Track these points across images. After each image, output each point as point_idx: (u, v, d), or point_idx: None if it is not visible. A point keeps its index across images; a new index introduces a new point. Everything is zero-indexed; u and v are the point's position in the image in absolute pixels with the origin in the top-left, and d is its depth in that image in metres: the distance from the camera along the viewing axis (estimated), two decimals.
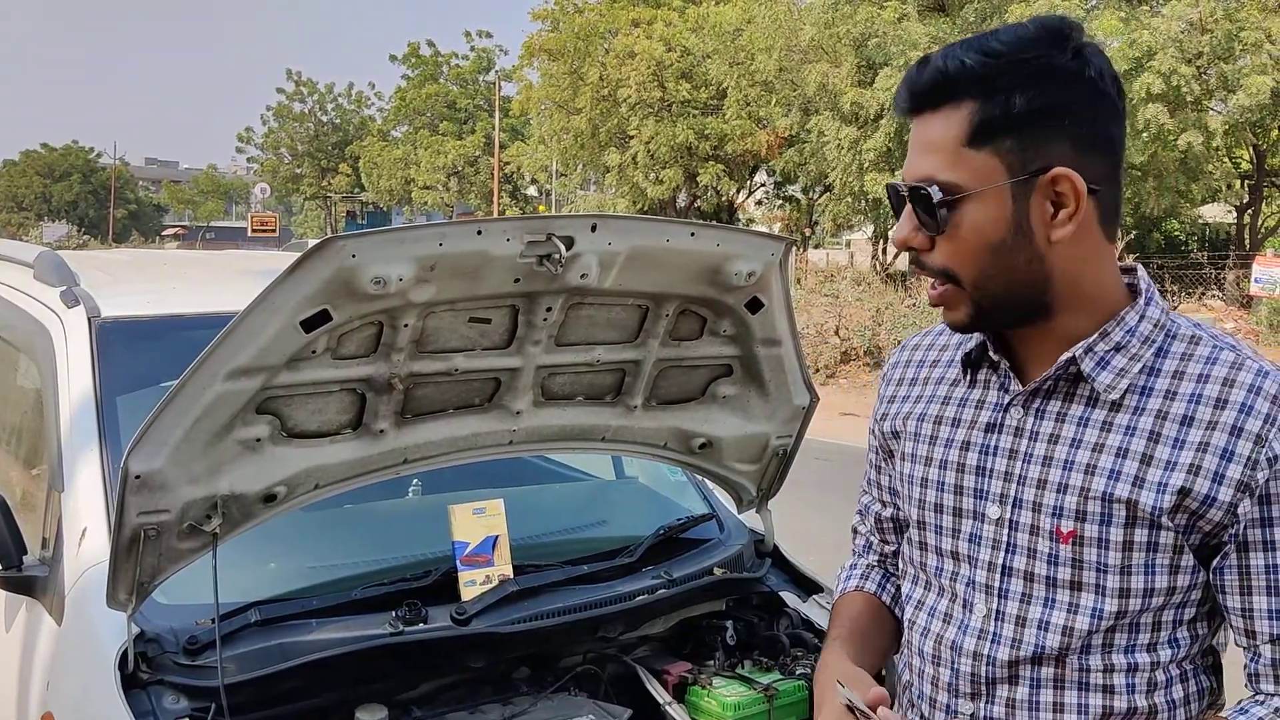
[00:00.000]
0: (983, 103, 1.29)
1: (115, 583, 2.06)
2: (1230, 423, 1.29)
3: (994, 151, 1.30)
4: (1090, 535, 1.34)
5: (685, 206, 33.36)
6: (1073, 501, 1.35)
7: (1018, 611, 1.39)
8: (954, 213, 1.32)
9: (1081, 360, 1.36)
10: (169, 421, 1.98)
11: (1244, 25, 19.98)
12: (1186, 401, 1.32)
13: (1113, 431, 1.35)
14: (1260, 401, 1.30)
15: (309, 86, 58.23)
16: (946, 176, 1.31)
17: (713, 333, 2.50)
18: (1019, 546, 1.39)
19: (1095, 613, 1.36)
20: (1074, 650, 1.37)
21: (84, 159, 73.07)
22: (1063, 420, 1.38)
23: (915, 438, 1.52)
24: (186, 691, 2.10)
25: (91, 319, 2.70)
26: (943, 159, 1.32)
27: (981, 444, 1.43)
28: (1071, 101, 1.30)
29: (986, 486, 1.42)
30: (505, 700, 2.40)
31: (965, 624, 1.44)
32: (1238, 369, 1.32)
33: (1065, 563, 1.36)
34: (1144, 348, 1.36)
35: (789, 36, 25.59)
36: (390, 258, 1.98)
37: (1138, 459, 1.32)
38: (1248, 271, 20.70)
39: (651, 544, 2.71)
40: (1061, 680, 1.38)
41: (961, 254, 1.34)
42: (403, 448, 2.34)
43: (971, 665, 1.42)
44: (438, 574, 2.44)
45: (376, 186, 50.90)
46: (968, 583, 1.44)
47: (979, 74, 1.29)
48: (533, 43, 34.94)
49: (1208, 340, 1.37)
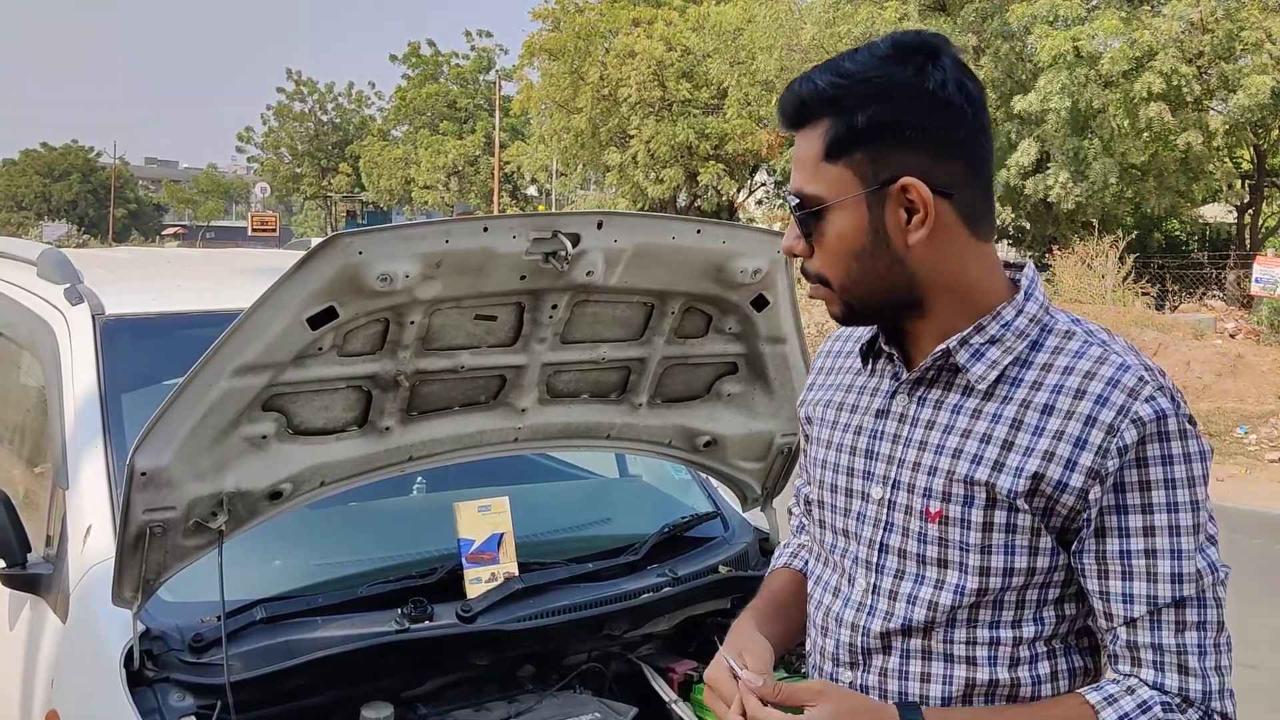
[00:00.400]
0: (834, 120, 1.40)
1: (121, 580, 2.06)
2: (1086, 413, 1.36)
3: (847, 164, 1.40)
4: (954, 516, 1.42)
5: (686, 206, 33.36)
6: (940, 483, 1.43)
7: (891, 586, 1.48)
8: (820, 222, 1.43)
9: (956, 352, 1.44)
10: (175, 418, 1.97)
11: (1244, 25, 19.97)
12: (1050, 392, 1.39)
13: (981, 419, 1.43)
14: (1116, 393, 1.36)
15: (309, 86, 58.21)
16: (810, 189, 1.43)
17: (718, 330, 2.49)
18: (895, 525, 1.48)
19: (958, 589, 1.43)
20: (939, 624, 1.45)
21: (84, 158, 73.05)
22: (940, 407, 1.47)
23: (821, 423, 1.62)
24: (192, 689, 2.09)
25: (95, 316, 2.70)
26: (807, 174, 1.43)
27: (871, 429, 1.53)
28: (912, 114, 1.39)
29: (872, 468, 1.52)
30: (510, 698, 2.39)
31: (848, 597, 1.53)
32: (1101, 363, 1.39)
33: (933, 541, 1.44)
34: (1018, 341, 1.44)
35: (790, 36, 25.58)
36: (396, 254, 1.98)
37: (999, 445, 1.40)
38: (1248, 271, 20.69)
39: (656, 542, 2.71)
40: (929, 652, 1.46)
41: (829, 260, 1.45)
42: (408, 445, 2.34)
43: (850, 636, 1.51)
44: (443, 571, 2.44)
45: (377, 186, 50.87)
46: (853, 559, 1.53)
47: (829, 95, 1.40)
48: (533, 42, 34.95)
49: (1080, 335, 1.44)
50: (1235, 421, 13.44)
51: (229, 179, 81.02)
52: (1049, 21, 21.15)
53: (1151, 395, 1.35)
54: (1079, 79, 20.40)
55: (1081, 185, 21.47)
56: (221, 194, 79.99)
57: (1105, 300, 18.97)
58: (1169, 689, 1.37)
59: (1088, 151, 21.13)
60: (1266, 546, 8.45)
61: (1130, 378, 1.36)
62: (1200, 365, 15.34)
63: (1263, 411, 13.82)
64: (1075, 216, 23.04)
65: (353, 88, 59.66)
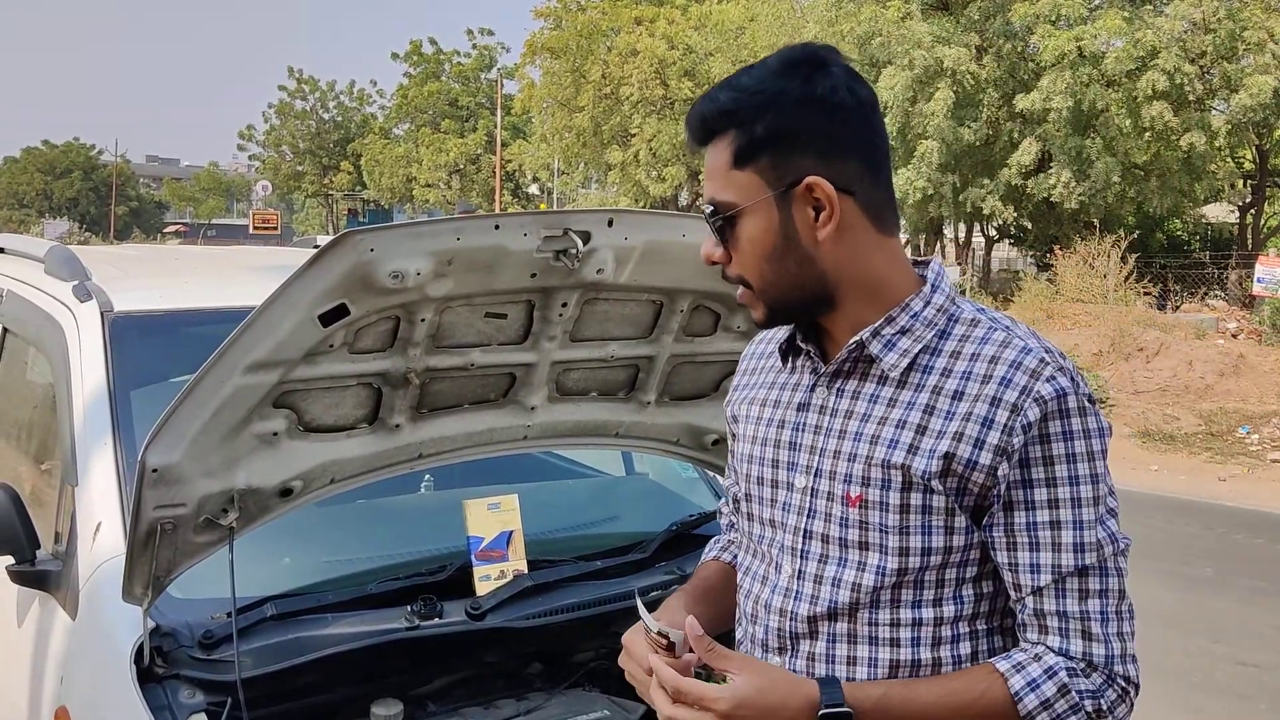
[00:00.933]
0: (736, 132, 1.48)
1: (131, 577, 2.05)
2: (991, 394, 1.43)
3: (754, 170, 1.48)
4: (873, 499, 1.48)
5: (688, 204, 33.36)
6: (859, 469, 1.49)
7: (816, 570, 1.53)
8: (733, 227, 1.50)
9: (869, 343, 1.51)
10: (187, 415, 1.97)
11: (1247, 25, 19.99)
12: (958, 378, 1.47)
13: (895, 406, 1.49)
14: (1019, 375, 1.43)
15: (311, 84, 58.19)
16: (722, 196, 1.50)
17: (726, 329, 2.50)
18: (818, 511, 1.53)
19: (880, 570, 1.48)
20: (863, 605, 1.50)
21: (85, 156, 73.09)
22: (857, 397, 1.53)
23: (746, 420, 1.68)
24: (202, 685, 2.09)
25: (104, 313, 2.69)
26: (718, 182, 1.51)
27: (794, 422, 1.59)
28: (805, 120, 1.47)
29: (796, 459, 1.57)
30: (519, 696, 2.40)
31: (775, 584, 1.58)
32: (1004, 347, 1.46)
33: (854, 525, 1.50)
34: (926, 330, 1.51)
35: (792, 35, 25.58)
36: (408, 252, 1.98)
37: (913, 429, 1.47)
38: (1250, 271, 20.71)
39: (664, 540, 2.71)
40: (854, 635, 1.51)
41: (746, 263, 1.51)
42: (418, 442, 2.34)
43: (778, 621, 1.56)
44: (452, 569, 2.44)
45: (378, 184, 50.86)
46: (780, 547, 1.58)
47: (729, 109, 1.49)
48: (535, 41, 34.95)
49: (985, 322, 1.51)
50: (1237, 421, 13.45)
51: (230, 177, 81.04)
52: (1051, 21, 21.16)
53: (1052, 375, 1.43)
54: (1082, 79, 20.41)
55: (1084, 185, 21.48)
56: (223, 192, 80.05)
57: (1107, 300, 18.98)
58: (1074, 654, 1.44)
59: (1090, 151, 21.15)
60: (1268, 546, 8.46)
61: (1031, 360, 1.44)
62: (1202, 365, 15.35)
63: (1264, 412, 13.83)
64: (1077, 216, 23.06)
65: (354, 86, 59.53)
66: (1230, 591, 7.07)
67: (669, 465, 3.15)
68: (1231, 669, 5.58)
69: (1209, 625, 6.24)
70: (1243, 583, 7.30)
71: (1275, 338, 17.54)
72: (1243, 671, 5.60)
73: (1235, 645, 5.89)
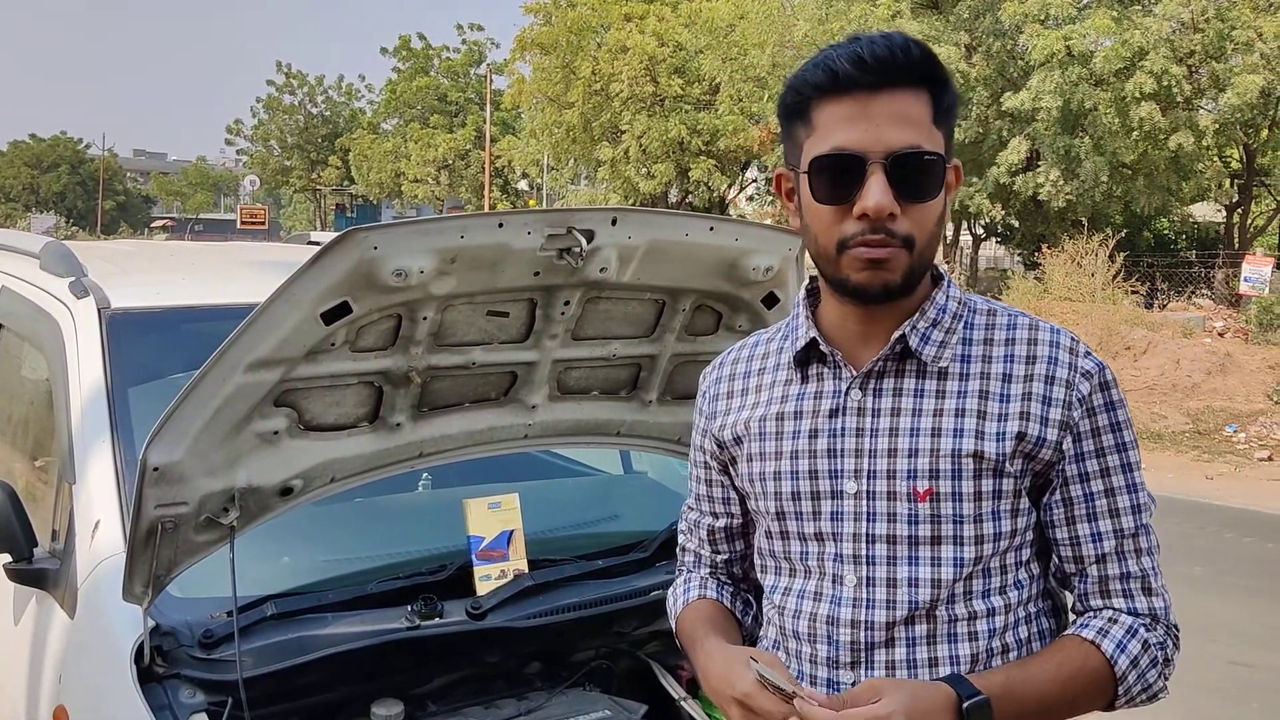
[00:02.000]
0: (937, 88, 1.45)
1: (131, 576, 2.04)
2: (1044, 374, 1.48)
3: (944, 133, 1.47)
4: (945, 491, 1.47)
5: (677, 201, 33.38)
6: (924, 463, 1.47)
7: (887, 574, 1.50)
8: (932, 181, 1.45)
9: (909, 337, 1.50)
10: (188, 413, 1.96)
11: (1235, 24, 20.05)
12: (1001, 362, 1.50)
13: (946, 397, 1.49)
14: (1061, 353, 1.49)
15: (299, 79, 58.01)
16: (930, 146, 1.43)
17: (728, 328, 2.49)
18: (879, 514, 1.50)
19: (956, 561, 1.48)
20: (942, 601, 1.48)
21: (72, 150, 72.74)
22: (900, 394, 1.51)
23: (761, 437, 1.60)
24: (203, 685, 2.08)
25: (101, 310, 2.67)
26: (923, 132, 1.43)
27: (829, 429, 1.53)
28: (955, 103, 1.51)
29: (840, 466, 1.52)
30: (520, 695, 2.39)
31: (838, 597, 1.52)
32: (1035, 329, 1.51)
33: (925, 520, 1.48)
34: (954, 322, 1.53)
35: (782, 32, 25.60)
36: (412, 250, 1.97)
37: (974, 415, 1.47)
38: (1237, 270, 20.79)
39: (665, 539, 2.70)
40: (934, 635, 1.49)
41: (924, 221, 1.45)
42: (419, 441, 2.33)
43: (850, 634, 1.51)
44: (453, 568, 2.43)
45: (366, 179, 50.74)
46: (835, 558, 1.53)
47: (933, 64, 1.45)
48: (525, 36, 34.89)
49: (1001, 311, 1.55)
50: (1224, 420, 13.51)
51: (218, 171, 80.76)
52: (1040, 20, 21.20)
53: (1087, 351, 1.51)
54: (1071, 78, 20.46)
55: (1072, 184, 21.54)
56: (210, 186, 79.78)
57: (1095, 298, 19.03)
58: (1141, 612, 1.51)
59: (1078, 150, 21.20)
60: (1258, 545, 8.49)
61: (1065, 339, 1.51)
62: (1189, 364, 15.40)
63: (1252, 410, 13.89)
64: (1065, 215, 23.13)
65: (343, 81, 59.69)
66: (1222, 591, 7.10)
67: (667, 463, 3.14)
68: (1224, 669, 5.60)
69: (1201, 625, 6.25)
70: (1234, 582, 7.33)
71: (1262, 337, 17.61)
72: (1236, 671, 5.62)
73: (1228, 645, 5.91)
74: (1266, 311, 18.05)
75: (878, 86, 1.42)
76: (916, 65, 1.43)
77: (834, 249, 1.46)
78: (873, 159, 1.41)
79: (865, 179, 1.41)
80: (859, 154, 1.41)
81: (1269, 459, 11.89)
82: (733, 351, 1.75)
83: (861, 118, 1.42)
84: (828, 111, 1.45)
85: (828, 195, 1.45)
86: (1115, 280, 19.93)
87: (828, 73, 1.44)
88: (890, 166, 1.41)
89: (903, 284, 1.46)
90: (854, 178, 1.42)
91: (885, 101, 1.42)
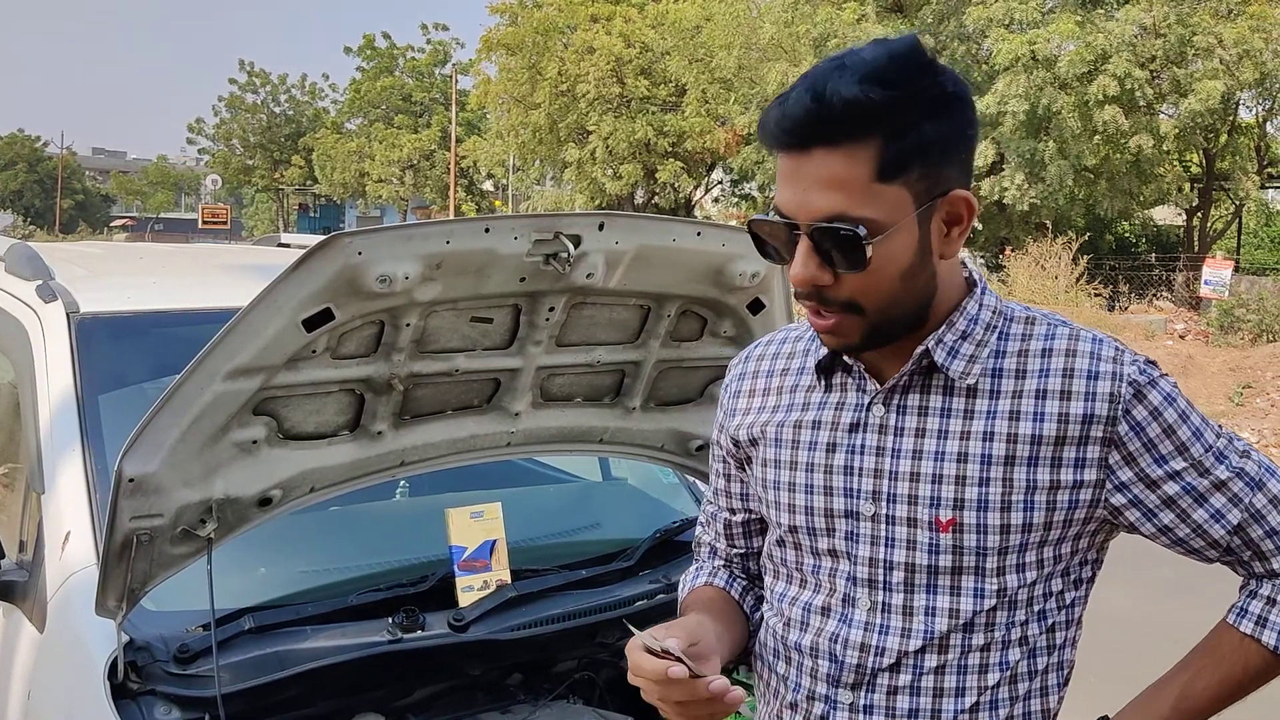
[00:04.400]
0: (891, 136, 1.28)
1: (105, 589, 1.98)
2: (1084, 390, 1.37)
3: (904, 184, 1.30)
4: (969, 522, 1.38)
5: (644, 203, 33.37)
6: (948, 491, 1.39)
7: (903, 602, 1.43)
8: (866, 248, 1.30)
9: (934, 351, 1.40)
10: (165, 423, 1.91)
11: (1196, 30, 20.27)
12: (1037, 377, 1.39)
13: (975, 418, 1.39)
14: (1104, 365, 1.37)
15: (262, 77, 57.44)
16: (862, 213, 1.29)
17: (713, 334, 2.47)
18: (897, 540, 1.42)
19: (978, 593, 1.40)
20: (958, 630, 1.41)
21: (30, 148, 71.79)
22: (925, 413, 1.42)
23: (777, 444, 1.53)
24: (178, 702, 2.03)
25: (70, 315, 2.60)
26: (853, 197, 1.29)
27: (848, 444, 1.45)
28: (961, 124, 1.34)
29: (857, 485, 1.44)
30: (503, 709, 2.35)
31: (849, 618, 1.46)
32: (1075, 340, 1.40)
33: (946, 550, 1.40)
34: (988, 333, 1.42)
35: (748, 35, 25.66)
36: (397, 255, 1.92)
37: (1004, 440, 1.37)
38: (1197, 273, 21.05)
39: (649, 547, 2.67)
40: (945, 665, 1.42)
41: (870, 287, 1.33)
42: (401, 449, 2.28)
43: (858, 657, 1.44)
44: (434, 579, 2.38)
45: (330, 179, 50.32)
46: (848, 578, 1.46)
47: (875, 111, 1.27)
48: (490, 37, 34.73)
49: (1041, 320, 1.44)
50: None
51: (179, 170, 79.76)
52: (1004, 24, 21.36)
53: (1132, 359, 1.39)
54: (1036, 82, 20.62)
55: (1037, 187, 21.71)
56: (171, 186, 78.82)
57: (1058, 301, 19.20)
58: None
59: (1043, 154, 21.37)
60: None
61: (1107, 349, 1.39)
62: None
63: (1213, 412, 14.04)
64: (1029, 218, 23.30)
65: (306, 80, 58.79)
66: (1188, 594, 7.11)
67: (648, 470, 3.11)
68: None
69: (1168, 628, 6.27)
70: (1200, 585, 7.34)
71: (1222, 339, 17.83)
72: None
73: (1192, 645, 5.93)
74: (1227, 314, 18.29)
75: (806, 146, 1.30)
76: (845, 121, 1.27)
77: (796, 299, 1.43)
78: (799, 227, 1.32)
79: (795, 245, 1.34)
80: (789, 220, 1.34)
81: None
82: (759, 346, 1.66)
83: (793, 178, 1.32)
84: (779, 162, 1.36)
85: (774, 256, 1.40)
86: (1078, 283, 20.13)
87: (763, 130, 1.35)
88: (812, 236, 1.31)
89: (866, 342, 1.39)
90: (789, 242, 1.35)
91: (815, 163, 1.29)
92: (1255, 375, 15.18)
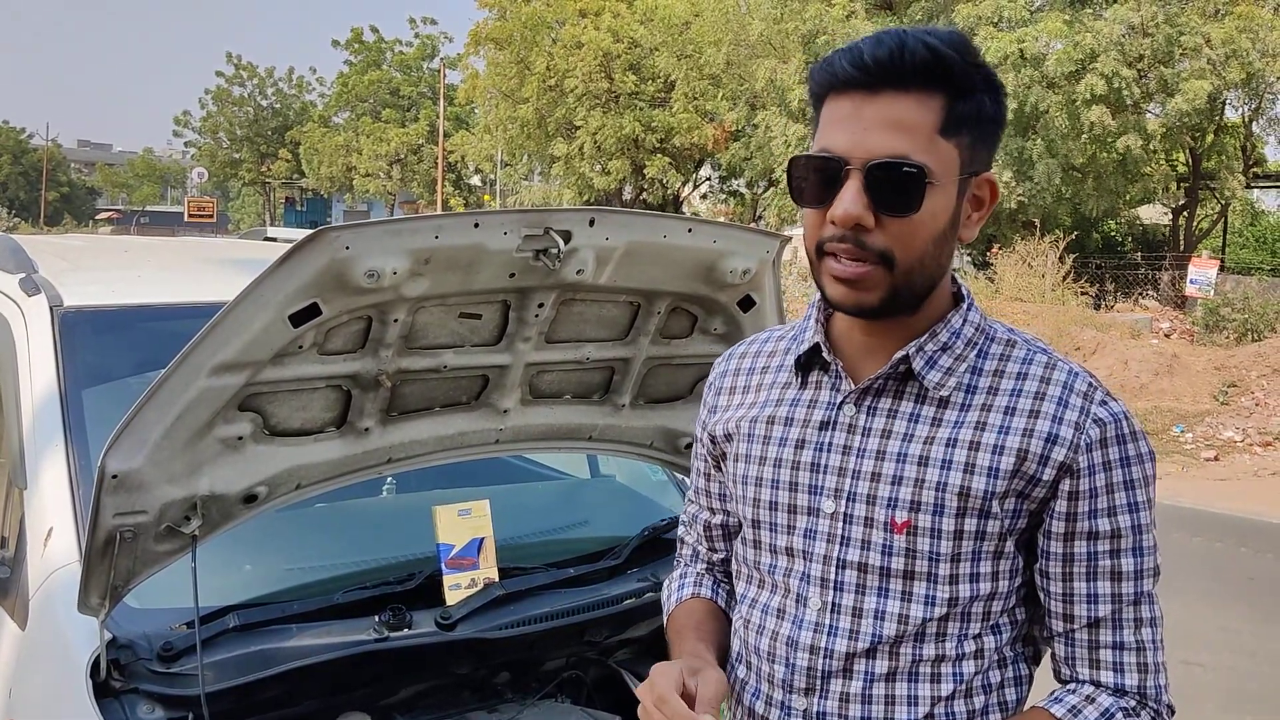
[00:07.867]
0: (956, 96, 1.34)
1: (88, 586, 1.96)
2: (1051, 412, 1.38)
3: (957, 144, 1.35)
4: (923, 525, 1.39)
5: (631, 198, 33.34)
6: (907, 493, 1.40)
7: (854, 603, 1.43)
8: (917, 196, 1.34)
9: (913, 359, 1.42)
10: (149, 418, 1.88)
11: (1184, 30, 20.34)
12: (1008, 396, 1.41)
13: (941, 425, 1.41)
14: (1074, 396, 1.39)
15: (249, 70, 57.24)
16: (922, 159, 1.33)
17: (703, 331, 2.45)
18: (853, 539, 1.43)
19: (929, 600, 1.41)
20: (909, 638, 1.41)
21: (14, 140, 71.41)
22: (894, 416, 1.43)
23: (749, 438, 1.55)
24: (161, 700, 2.00)
25: (54, 308, 2.57)
26: (917, 142, 1.33)
27: (816, 441, 1.47)
28: (1002, 112, 1.40)
29: (821, 482, 1.46)
30: (490, 708, 2.33)
31: (800, 619, 1.46)
32: (1052, 368, 1.42)
33: (899, 553, 1.40)
34: (967, 349, 1.44)
35: (737, 31, 25.65)
36: (385, 250, 1.90)
37: (966, 447, 1.39)
38: (1183, 272, 21.12)
39: (637, 545, 2.65)
40: (895, 672, 1.42)
41: (909, 237, 1.35)
42: (388, 446, 2.26)
43: (808, 659, 1.45)
44: (421, 577, 2.36)
45: (317, 173, 50.18)
46: (802, 577, 1.47)
47: (959, 69, 1.34)
48: (479, 31, 34.66)
49: (1022, 344, 1.46)
50: (1172, 420, 13.70)
51: (165, 163, 79.46)
52: (993, 23, 21.40)
53: (1104, 399, 1.40)
54: (1024, 80, 20.66)
55: (1024, 185, 21.75)
56: (157, 179, 78.52)
57: (1045, 299, 19.25)
58: (1129, 689, 1.40)
59: (1031, 152, 21.42)
60: (1207, 545, 8.60)
61: (1081, 383, 1.40)
62: (1137, 364, 15.61)
63: (1198, 411, 14.11)
64: (1016, 216, 23.36)
65: (293, 73, 58.85)
66: (1173, 591, 7.16)
67: (635, 467, 3.10)
68: (1178, 670, 5.58)
69: None
70: (1185, 582, 7.40)
71: (1207, 338, 17.91)
72: (1190, 671, 5.68)
73: (1180, 646, 5.96)
74: (1212, 313, 18.37)
75: (876, 88, 1.33)
76: (922, 69, 1.32)
77: (814, 252, 1.40)
78: (853, 164, 1.33)
79: (842, 184, 1.34)
80: (840, 158, 1.35)
81: (1215, 459, 12.07)
82: (742, 345, 1.69)
83: (852, 119, 1.35)
84: (830, 109, 1.38)
85: (807, 197, 1.39)
86: (1065, 281, 20.18)
87: (828, 71, 1.38)
88: (868, 175, 1.33)
89: (883, 305, 1.38)
90: (834, 182, 1.35)
91: (881, 105, 1.33)
92: (1240, 374, 15.26)
